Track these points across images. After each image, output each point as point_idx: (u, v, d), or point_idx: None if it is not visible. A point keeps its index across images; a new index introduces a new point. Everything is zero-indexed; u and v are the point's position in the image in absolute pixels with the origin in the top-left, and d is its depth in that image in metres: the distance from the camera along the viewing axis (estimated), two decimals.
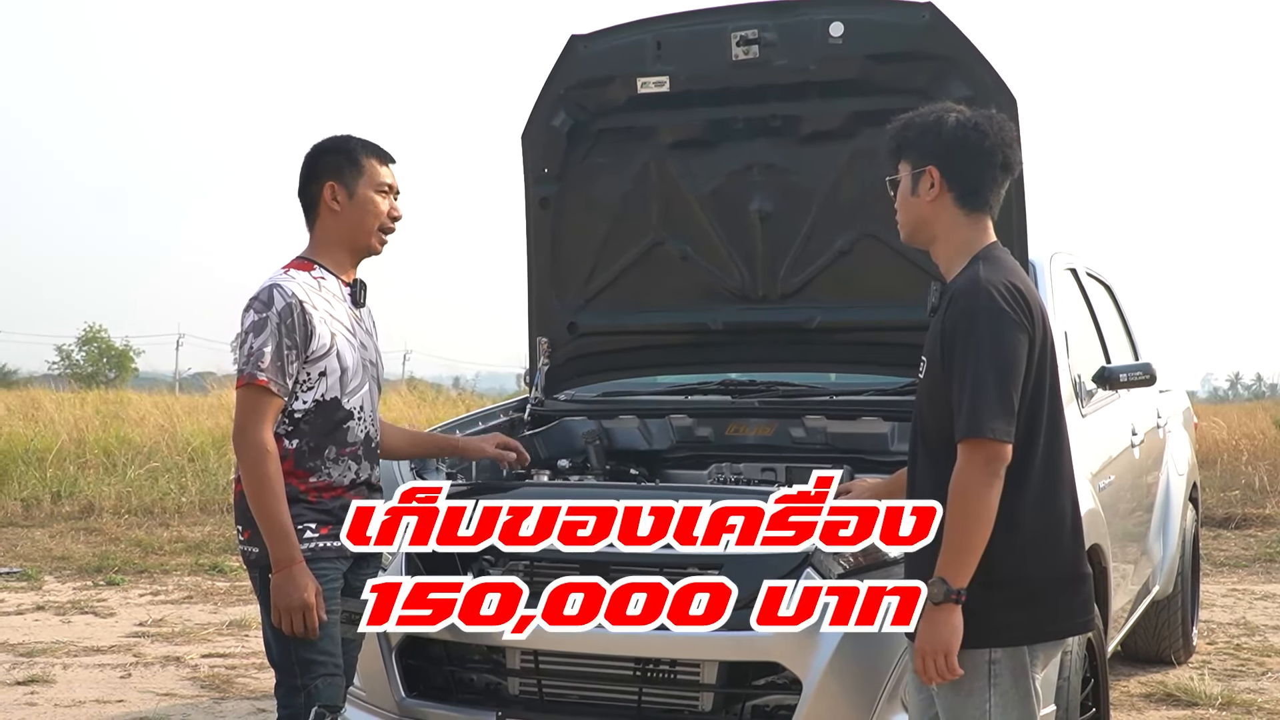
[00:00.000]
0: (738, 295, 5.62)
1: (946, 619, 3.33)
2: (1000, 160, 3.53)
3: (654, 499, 4.56)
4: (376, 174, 4.22)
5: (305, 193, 4.22)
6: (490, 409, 5.93)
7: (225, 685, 7.27)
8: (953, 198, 3.53)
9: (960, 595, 3.32)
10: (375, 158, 4.24)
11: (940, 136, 3.52)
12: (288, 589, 3.92)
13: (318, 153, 4.23)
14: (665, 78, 5.37)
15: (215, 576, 10.89)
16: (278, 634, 3.99)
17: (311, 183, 4.20)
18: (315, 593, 3.95)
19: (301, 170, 4.24)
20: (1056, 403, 3.49)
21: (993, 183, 3.54)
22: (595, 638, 4.39)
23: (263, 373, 3.95)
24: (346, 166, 4.19)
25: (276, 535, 3.93)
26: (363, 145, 4.24)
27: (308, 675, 4.01)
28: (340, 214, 4.18)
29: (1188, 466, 7.94)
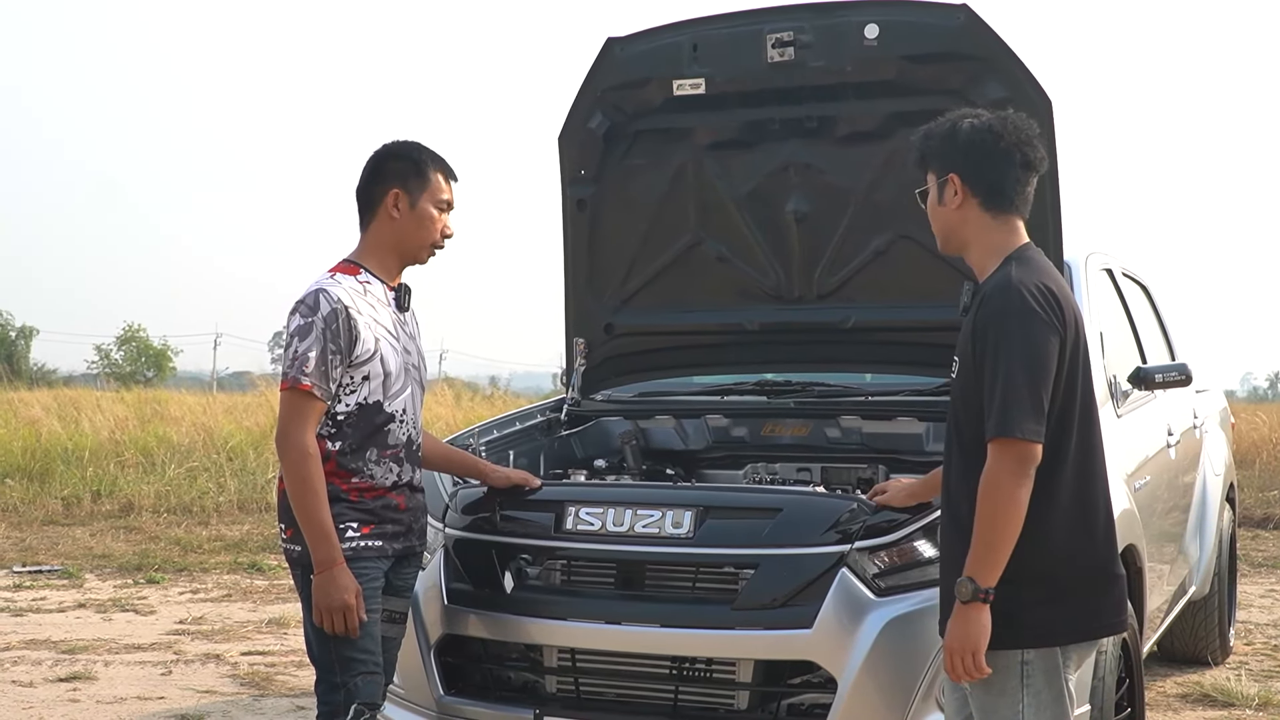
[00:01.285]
0: (774, 296, 5.63)
1: (975, 617, 3.35)
2: (1020, 159, 3.53)
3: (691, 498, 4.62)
4: (440, 189, 4.24)
5: (366, 193, 4.22)
6: (527, 409, 5.96)
7: (264, 682, 7.32)
8: (978, 202, 3.55)
9: (988, 594, 3.33)
10: (441, 172, 4.26)
11: (956, 143, 3.55)
12: (329, 590, 3.96)
13: (386, 155, 4.23)
14: (701, 79, 5.37)
15: (254, 575, 10.96)
16: (318, 632, 4.04)
17: (375, 185, 4.21)
18: (355, 593, 3.99)
19: (366, 170, 4.23)
20: (1089, 404, 3.50)
21: (1016, 183, 3.55)
22: (632, 636, 4.44)
23: (306, 377, 3.98)
24: (413, 176, 4.20)
25: (317, 536, 3.97)
26: (431, 158, 4.24)
27: (347, 673, 4.05)
28: (398, 222, 4.20)
29: (1225, 467, 7.91)
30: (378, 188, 4.21)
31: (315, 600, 3.99)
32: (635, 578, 4.54)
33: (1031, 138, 3.56)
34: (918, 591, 4.24)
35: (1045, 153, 3.61)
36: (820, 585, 4.26)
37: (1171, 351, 7.63)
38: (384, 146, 4.28)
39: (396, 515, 4.20)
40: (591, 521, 4.58)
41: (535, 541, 4.69)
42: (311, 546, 3.98)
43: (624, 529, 4.52)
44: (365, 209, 4.24)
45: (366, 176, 4.24)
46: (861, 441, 5.58)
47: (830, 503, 4.51)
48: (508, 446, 5.49)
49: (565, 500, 4.69)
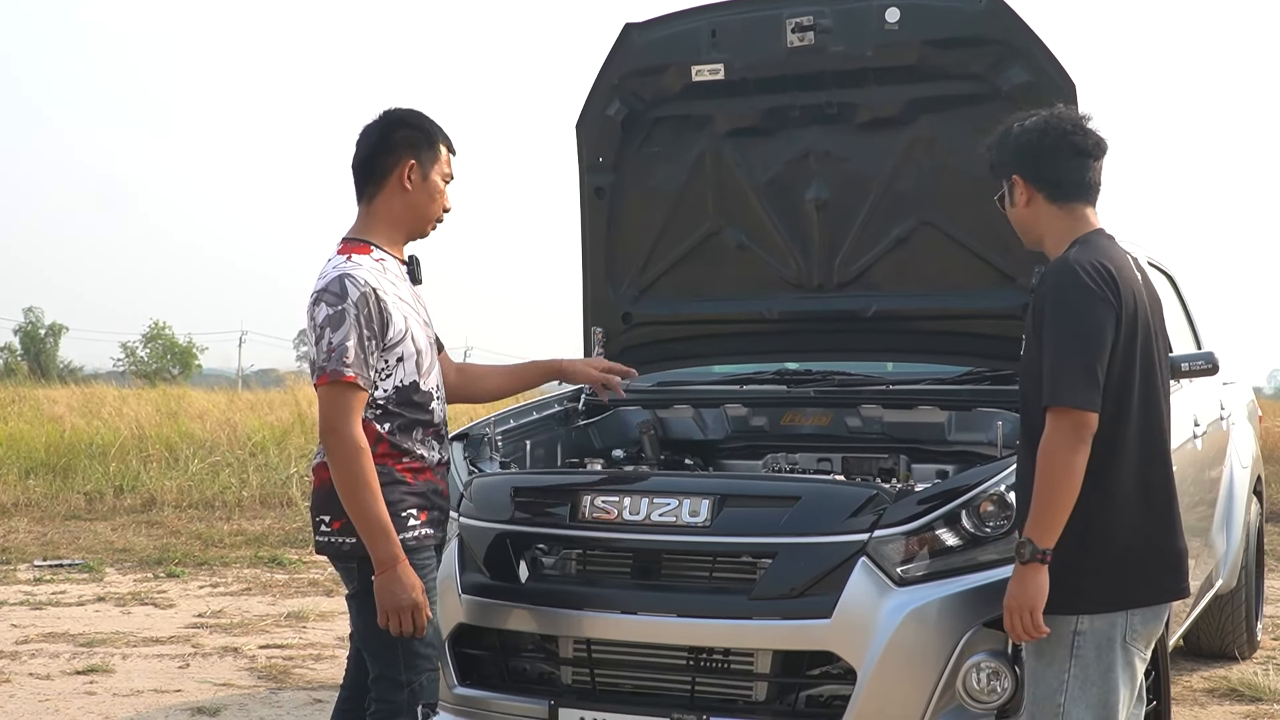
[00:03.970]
0: (794, 284, 5.56)
1: (1033, 577, 3.49)
2: (1070, 149, 3.68)
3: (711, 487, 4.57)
4: (445, 162, 4.11)
5: (374, 162, 4.02)
6: (544, 399, 5.90)
7: (282, 676, 7.29)
8: (1044, 197, 3.72)
9: (1046, 555, 3.47)
10: (446, 145, 4.12)
11: (1009, 147, 3.75)
12: (394, 589, 3.78)
13: (396, 123, 4.03)
14: (720, 65, 5.31)
15: (274, 569, 10.94)
16: (380, 629, 3.86)
17: (386, 154, 4.00)
18: (422, 590, 3.82)
19: (371, 138, 4.03)
20: (1152, 379, 3.60)
21: (1072, 172, 3.70)
22: (649, 626, 4.39)
23: (348, 368, 3.79)
24: (425, 146, 4.04)
25: (377, 535, 3.78)
26: (439, 129, 4.11)
27: (413, 671, 3.91)
28: (410, 194, 4.02)
29: (1252, 459, 7.82)
30: (390, 157, 4.00)
31: (381, 601, 3.79)
32: (652, 567, 4.48)
33: (1075, 126, 3.70)
34: (939, 580, 4.18)
35: (1100, 136, 3.72)
36: (839, 574, 4.19)
37: (1198, 341, 7.54)
38: (390, 113, 4.07)
39: (440, 502, 4.08)
40: (607, 510, 4.53)
41: (551, 530, 4.63)
42: (371, 545, 3.79)
43: (640, 517, 4.46)
44: (371, 180, 4.03)
45: (374, 145, 4.02)
46: (882, 431, 5.51)
47: (849, 491, 4.44)
48: (525, 436, 5.45)
49: (581, 488, 4.63)
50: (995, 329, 5.30)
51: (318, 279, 3.94)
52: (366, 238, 4.05)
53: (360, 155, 4.06)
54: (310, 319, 3.90)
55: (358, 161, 4.07)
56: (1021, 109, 4.54)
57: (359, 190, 4.09)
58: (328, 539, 3.96)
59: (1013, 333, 5.20)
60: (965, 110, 5.12)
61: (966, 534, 4.22)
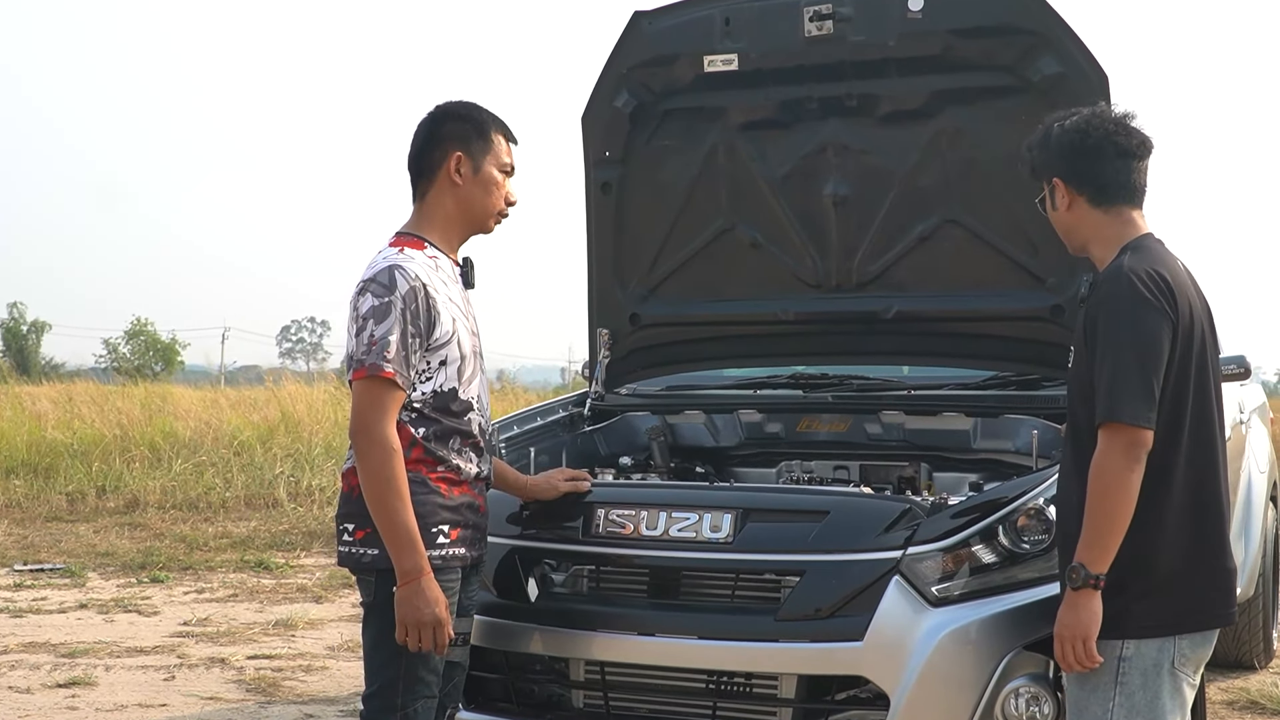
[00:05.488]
0: (810, 284, 5.38)
1: (1086, 604, 3.33)
2: (1113, 150, 3.53)
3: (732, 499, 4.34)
4: (503, 152, 3.95)
5: (424, 158, 3.89)
6: (550, 404, 5.71)
7: (271, 689, 7.05)
8: (1085, 200, 3.57)
9: (1099, 581, 3.32)
10: (503, 134, 3.96)
11: (1050, 149, 3.60)
12: (417, 603, 3.59)
13: (442, 116, 3.91)
14: (734, 56, 5.15)
15: (261, 573, 10.70)
16: (388, 646, 3.68)
17: (433, 148, 3.87)
18: (446, 606, 3.64)
19: (420, 133, 3.91)
20: (1205, 392, 3.45)
21: (1116, 174, 3.55)
22: (666, 648, 4.18)
23: (388, 364, 3.62)
24: (475, 137, 3.89)
25: (404, 544, 3.60)
26: (493, 119, 3.95)
27: (410, 695, 3.72)
28: (461, 188, 3.87)
29: (1269, 464, 7.64)
30: (435, 151, 3.87)
31: (401, 614, 3.61)
32: (670, 585, 4.27)
33: (1118, 127, 3.56)
34: (976, 600, 3.97)
35: (1145, 135, 3.58)
36: (871, 594, 3.97)
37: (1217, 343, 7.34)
38: (439, 107, 3.96)
39: (476, 518, 3.88)
40: (623, 524, 4.31)
41: (562, 546, 4.42)
42: (396, 555, 3.60)
43: (658, 533, 4.25)
44: (422, 176, 3.89)
45: (421, 140, 3.90)
46: (904, 438, 5.32)
47: (881, 505, 4.24)
48: (529, 443, 5.24)
49: (594, 501, 4.40)
50: (1022, 332, 5.15)
51: (366, 269, 3.78)
52: (420, 233, 3.89)
53: (412, 151, 3.94)
54: (353, 309, 3.73)
55: (410, 157, 3.95)
56: (1051, 102, 4.39)
57: (413, 186, 3.95)
58: (349, 549, 3.77)
59: (1040, 336, 5.07)
60: (992, 103, 4.98)
61: (1004, 550, 4.01)
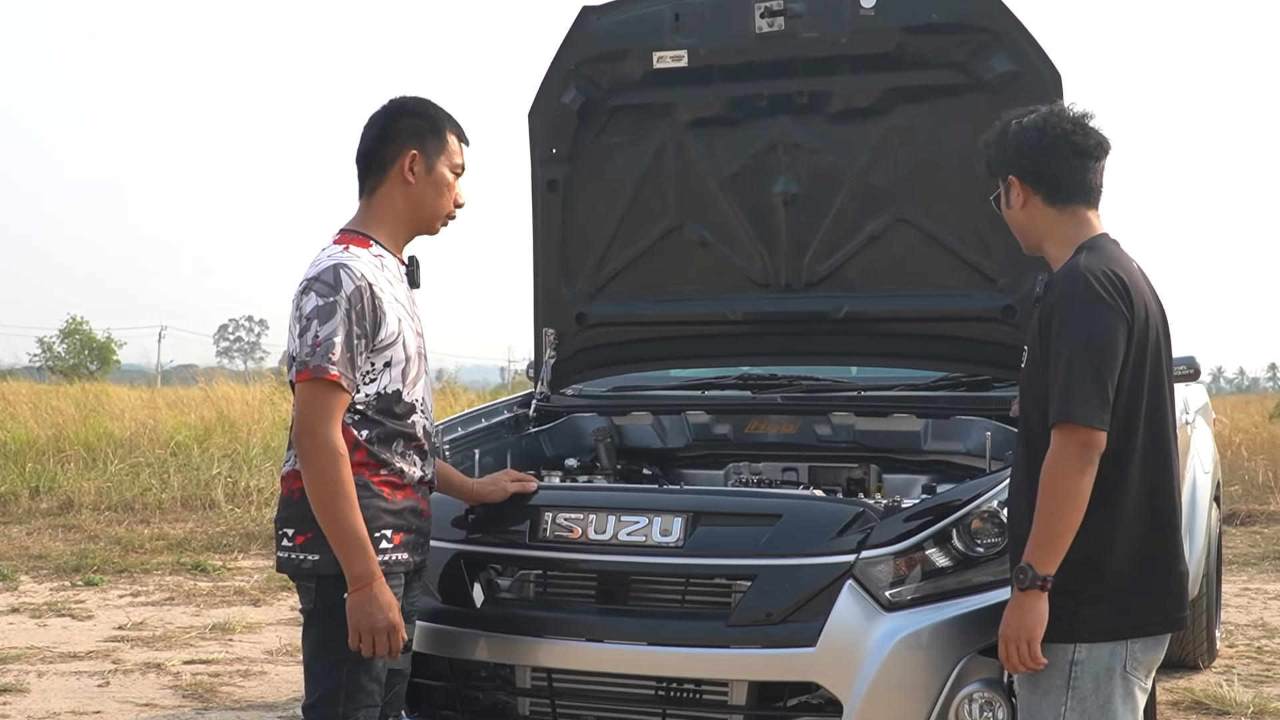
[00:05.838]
0: (759, 283, 5.34)
1: (1033, 605, 3.30)
2: (1070, 149, 3.49)
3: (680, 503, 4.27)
4: (455, 152, 3.86)
5: (375, 154, 3.78)
6: (494, 404, 5.62)
7: (209, 695, 6.91)
8: (1041, 199, 3.53)
9: (1047, 582, 3.29)
10: (456, 134, 3.87)
11: (1006, 146, 3.56)
12: (370, 609, 3.51)
13: (398, 112, 3.82)
14: (684, 51, 5.09)
15: (198, 576, 10.53)
16: (331, 654, 3.60)
17: (387, 144, 3.77)
18: (398, 610, 3.56)
19: (373, 127, 3.80)
20: (1160, 393, 3.43)
21: (1073, 173, 3.51)
22: (615, 655, 4.11)
23: (333, 365, 3.53)
24: (430, 136, 3.80)
25: (354, 549, 3.51)
26: (447, 117, 3.86)
27: (352, 704, 3.62)
28: (413, 187, 3.78)
29: (1213, 464, 7.67)
30: (390, 147, 3.76)
31: (354, 620, 3.52)
32: (619, 591, 4.19)
33: (1075, 126, 3.52)
34: (930, 604, 3.92)
35: (1102, 135, 3.55)
36: (824, 599, 3.91)
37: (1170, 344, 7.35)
38: (394, 102, 3.86)
39: (419, 523, 3.79)
40: (570, 528, 4.22)
41: (508, 550, 4.33)
42: (345, 560, 3.52)
43: (606, 536, 4.17)
44: (372, 172, 3.79)
45: (375, 135, 3.79)
46: (854, 439, 5.27)
47: (834, 508, 4.17)
48: (473, 445, 5.15)
49: (541, 505, 4.32)
50: (974, 332, 5.12)
51: (310, 267, 3.68)
52: (366, 231, 3.79)
53: (362, 145, 3.84)
54: (296, 308, 3.63)
55: (360, 152, 3.84)
56: (1004, 100, 4.35)
57: (361, 182, 3.85)
58: (289, 555, 3.67)
59: (992, 336, 5.04)
60: (944, 101, 4.95)
61: (958, 554, 3.97)
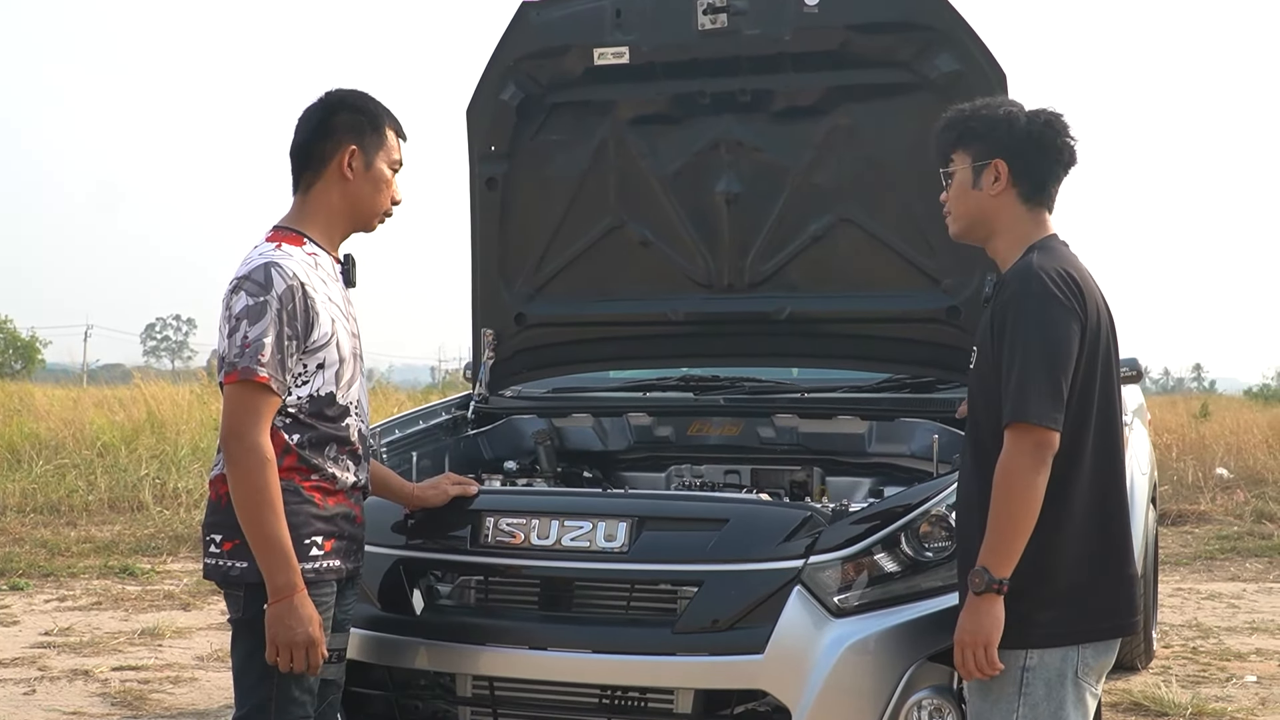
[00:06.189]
0: (701, 283, 5.29)
1: (988, 610, 3.26)
2: (1067, 157, 3.49)
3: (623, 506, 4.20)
4: (394, 148, 3.76)
5: (312, 148, 3.67)
6: (432, 406, 5.53)
7: (138, 702, 6.77)
8: (1017, 193, 3.47)
9: (1002, 585, 3.25)
10: (395, 130, 3.77)
11: (1013, 131, 3.45)
12: (290, 622, 3.40)
13: (337, 105, 3.70)
14: (625, 48, 5.04)
15: (126, 580, 10.35)
16: (258, 665, 3.49)
17: (324, 139, 3.65)
18: (319, 624, 3.45)
19: (309, 121, 3.69)
20: (1111, 394, 3.39)
21: (1056, 179, 3.50)
22: (559, 663, 4.03)
23: (262, 368, 3.41)
24: (369, 131, 3.69)
25: (276, 559, 3.40)
26: (386, 112, 3.76)
27: (283, 716, 3.51)
28: (350, 183, 3.67)
29: (1150, 465, 7.69)
30: (328, 142, 3.65)
31: (272, 633, 3.42)
32: (562, 597, 4.12)
33: (1073, 134, 3.51)
34: (879, 610, 3.87)
35: None
36: (772, 605, 3.86)
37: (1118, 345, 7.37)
38: (332, 95, 3.74)
39: (352, 529, 3.68)
40: (513, 533, 4.14)
41: (448, 556, 4.25)
42: (267, 570, 3.41)
43: (550, 542, 4.09)
44: (309, 167, 3.67)
45: (312, 128, 3.67)
46: (798, 442, 5.23)
47: (782, 512, 4.12)
48: (410, 447, 5.06)
49: (483, 509, 4.23)
50: (918, 333, 5.10)
51: (241, 265, 3.57)
52: (300, 229, 3.67)
53: (298, 139, 3.71)
54: (226, 307, 3.52)
55: (295, 146, 3.72)
56: (948, 99, 4.31)
57: (295, 178, 3.73)
58: (216, 561, 3.56)
59: (936, 338, 5.02)
60: (889, 100, 4.93)
61: (907, 558, 3.92)
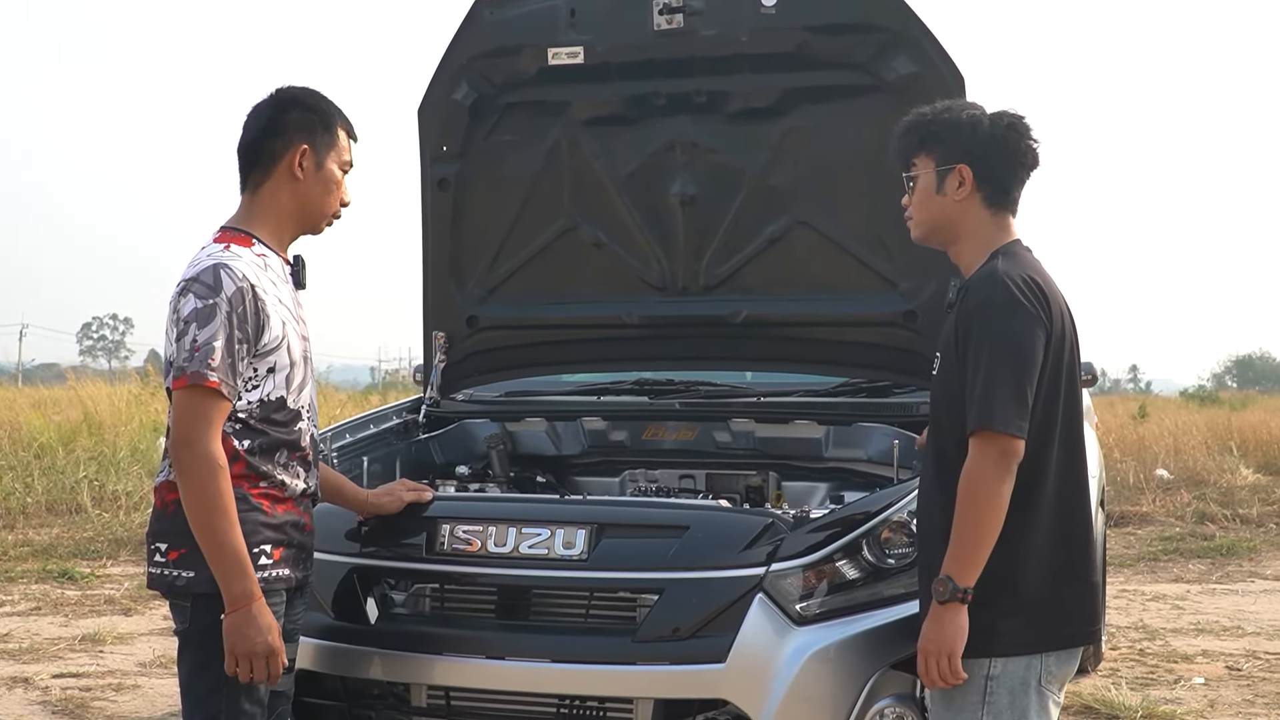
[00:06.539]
0: (656, 286, 5.26)
1: (952, 619, 3.24)
2: (1030, 160, 3.47)
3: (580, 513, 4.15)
4: (344, 149, 3.68)
5: (262, 146, 3.58)
6: (383, 410, 5.46)
7: (79, 710, 6.66)
8: (982, 197, 3.44)
9: (967, 594, 3.23)
10: (346, 130, 3.69)
11: (977, 135, 3.43)
12: (248, 631, 3.31)
13: (288, 103, 3.62)
14: (580, 48, 5.01)
15: (65, 584, 10.19)
16: (207, 677, 3.41)
17: (275, 137, 3.57)
18: (278, 633, 3.37)
19: (259, 118, 3.61)
20: (1074, 402, 3.37)
21: (1020, 183, 3.48)
22: (516, 672, 3.97)
23: (213, 372, 3.32)
24: (321, 130, 3.61)
25: (232, 567, 3.32)
26: (338, 112, 3.68)
27: None
28: (301, 183, 3.58)
29: (1099, 468, 7.68)
30: (279, 140, 3.56)
31: (230, 644, 3.33)
32: (520, 606, 4.06)
33: (1034, 138, 3.48)
34: (842, 618, 3.85)
35: None
36: (734, 613, 3.81)
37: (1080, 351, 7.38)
38: (283, 92, 3.66)
39: (302, 537, 3.60)
40: (469, 540, 4.08)
41: (403, 564, 4.17)
42: (223, 579, 3.32)
43: (507, 549, 4.03)
44: (258, 166, 3.59)
45: (262, 126, 3.59)
46: (754, 447, 5.20)
47: (744, 519, 4.08)
48: (361, 452, 5.00)
49: (439, 516, 4.16)
50: (875, 337, 5.08)
51: (188, 266, 3.48)
52: (249, 229, 3.58)
53: (247, 137, 3.63)
54: (174, 310, 3.43)
55: (244, 144, 3.63)
56: (906, 101, 4.30)
57: (244, 177, 3.64)
58: (162, 571, 3.46)
59: (893, 341, 5.01)
60: (846, 102, 4.92)
61: (869, 565, 3.90)
